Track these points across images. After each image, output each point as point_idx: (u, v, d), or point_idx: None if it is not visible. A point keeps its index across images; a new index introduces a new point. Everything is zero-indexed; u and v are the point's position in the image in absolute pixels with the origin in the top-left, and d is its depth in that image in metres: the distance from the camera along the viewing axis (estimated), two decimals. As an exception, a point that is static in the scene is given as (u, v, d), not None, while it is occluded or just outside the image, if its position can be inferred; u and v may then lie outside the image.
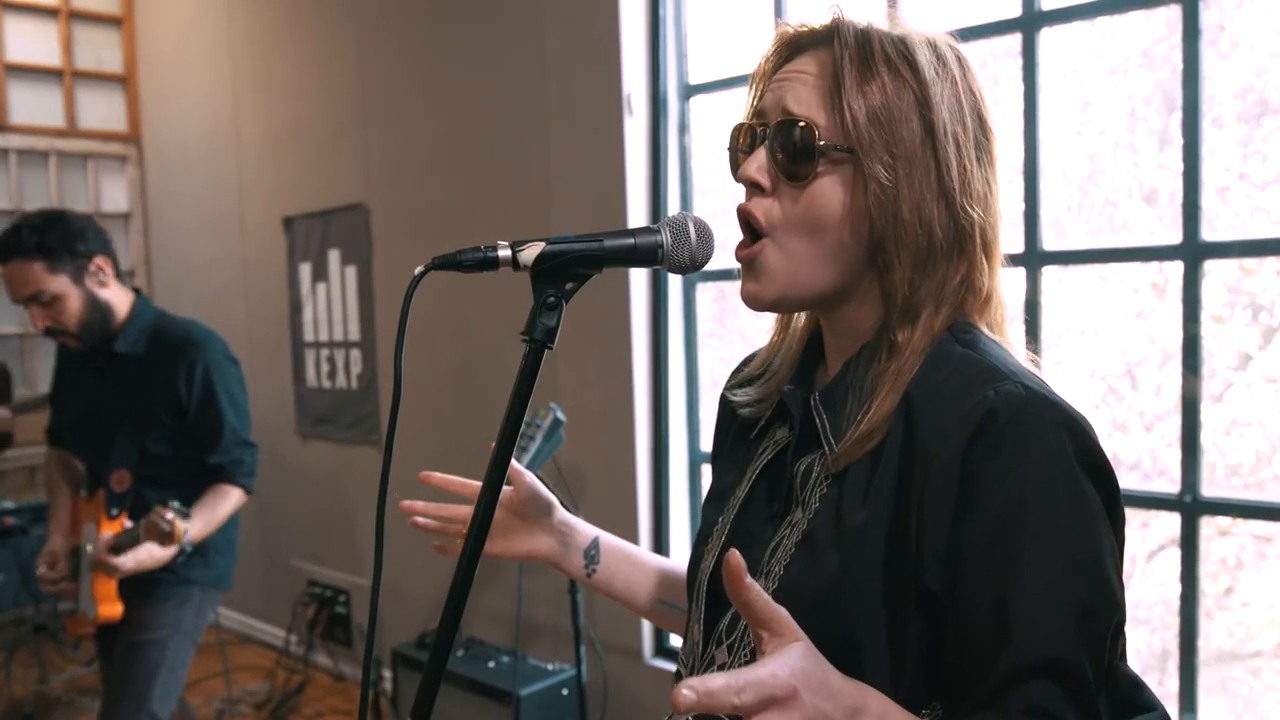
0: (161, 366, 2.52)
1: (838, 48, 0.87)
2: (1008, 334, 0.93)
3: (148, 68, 5.39)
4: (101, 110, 5.39)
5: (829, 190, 0.87)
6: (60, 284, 2.40)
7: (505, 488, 1.18)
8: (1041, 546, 0.77)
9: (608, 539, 1.20)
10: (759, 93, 0.95)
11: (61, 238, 2.40)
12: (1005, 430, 0.79)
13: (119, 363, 2.54)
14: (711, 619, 0.97)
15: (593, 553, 1.17)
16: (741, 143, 0.95)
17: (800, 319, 1.03)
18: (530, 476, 1.17)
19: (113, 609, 2.48)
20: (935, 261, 0.87)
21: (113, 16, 5.38)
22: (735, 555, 0.69)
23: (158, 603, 2.53)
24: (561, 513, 1.18)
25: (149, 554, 2.32)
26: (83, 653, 3.91)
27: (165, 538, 2.25)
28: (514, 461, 1.17)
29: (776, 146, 0.89)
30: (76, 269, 2.43)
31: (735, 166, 0.96)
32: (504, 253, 0.86)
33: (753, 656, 0.88)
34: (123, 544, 2.30)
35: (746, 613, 0.71)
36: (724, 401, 1.11)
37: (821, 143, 0.86)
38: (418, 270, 0.83)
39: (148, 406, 2.52)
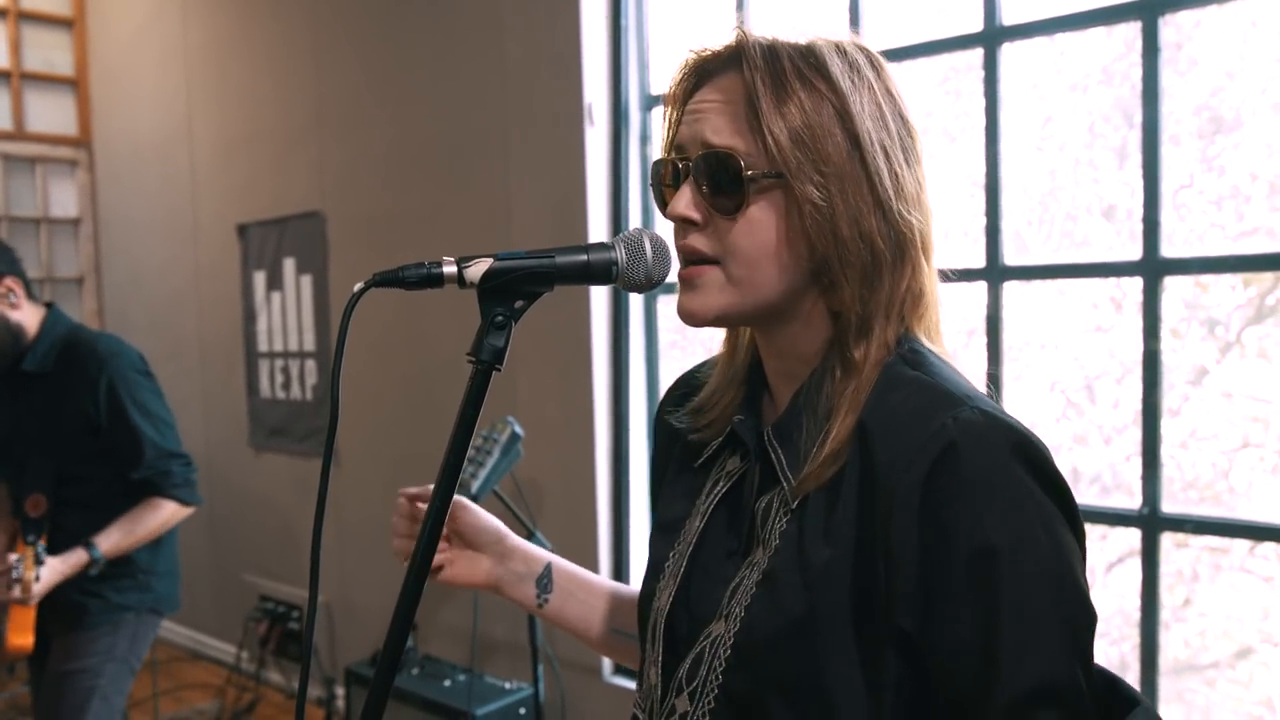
0: (70, 384, 2.41)
1: (747, 71, 0.84)
2: (942, 337, 0.92)
3: (99, 71, 5.27)
4: (51, 113, 5.26)
5: (763, 217, 0.84)
6: None
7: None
8: (1019, 573, 0.76)
9: (561, 565, 1.12)
10: (673, 124, 0.92)
11: None
12: (969, 459, 0.77)
13: (30, 382, 2.44)
14: (670, 664, 0.92)
15: (545, 580, 1.10)
16: (665, 178, 0.91)
17: (743, 340, 1.00)
18: (473, 509, 1.10)
19: (23, 639, 2.36)
20: (881, 273, 0.85)
21: (64, 18, 5.25)
22: None
23: (88, 629, 2.43)
24: (511, 539, 1.11)
25: (54, 572, 2.26)
26: (18, 673, 3.79)
27: (20, 584, 2.19)
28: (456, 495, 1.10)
29: (702, 180, 0.86)
30: None
31: (663, 202, 0.92)
32: (449, 269, 0.82)
33: (716, 704, 0.85)
34: (12, 581, 2.24)
35: None
36: (663, 425, 1.07)
37: (749, 172, 0.83)
38: (356, 288, 0.79)
39: (60, 427, 2.42)
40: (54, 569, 2.27)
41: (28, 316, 2.43)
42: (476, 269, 0.82)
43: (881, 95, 0.86)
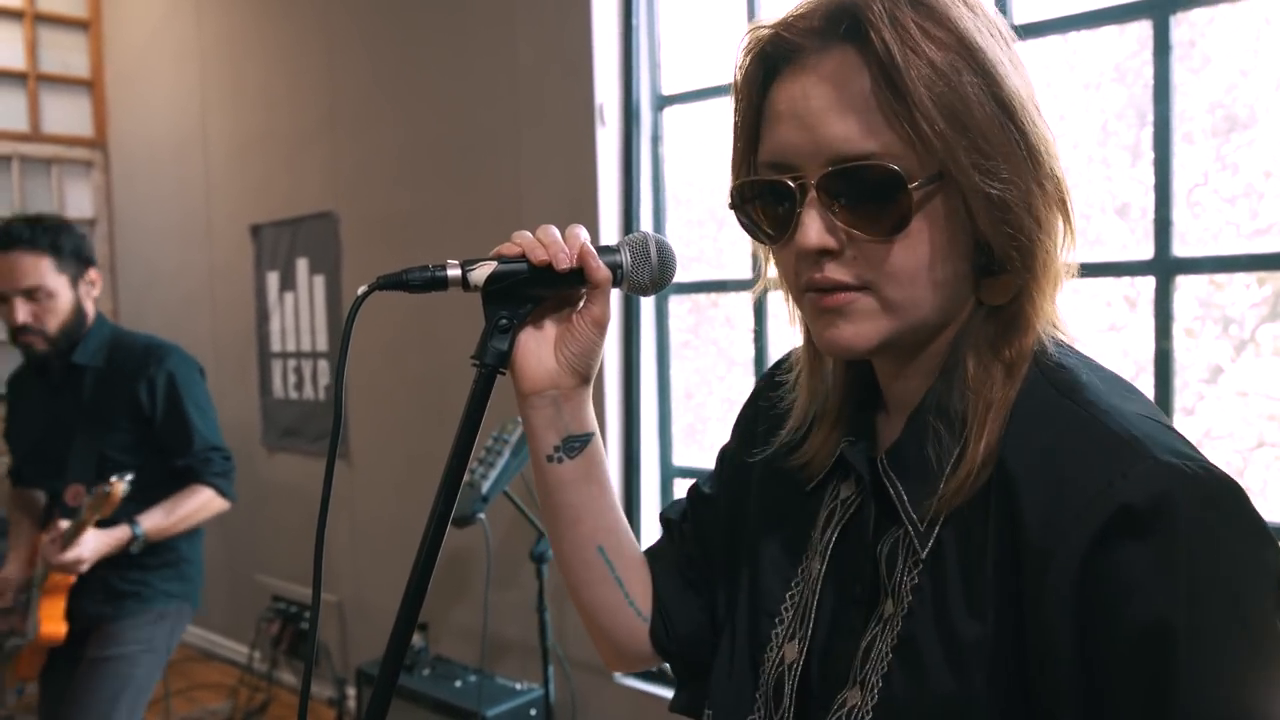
0: (121, 375, 2.49)
1: (876, 38, 0.66)
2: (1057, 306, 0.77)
3: (115, 72, 5.30)
4: (67, 114, 5.29)
5: (923, 228, 0.69)
6: (61, 284, 2.43)
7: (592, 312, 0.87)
8: (1200, 663, 0.61)
9: (599, 451, 0.92)
10: (751, 126, 0.76)
11: (71, 240, 2.46)
12: (1146, 527, 0.62)
13: (76, 375, 2.51)
14: None
15: (575, 445, 0.89)
16: (759, 200, 0.75)
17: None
18: (599, 337, 0.88)
19: (56, 628, 2.39)
20: (1051, 255, 0.71)
21: (79, 20, 5.29)
22: None
23: (130, 616, 2.46)
24: (588, 385, 0.90)
25: (100, 541, 2.30)
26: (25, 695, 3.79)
27: (102, 500, 2.22)
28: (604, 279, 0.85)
29: (837, 201, 0.70)
30: (76, 274, 2.47)
31: (761, 232, 0.76)
32: (453, 272, 0.82)
33: None
34: (68, 537, 2.28)
35: None
36: (757, 471, 0.92)
37: (913, 184, 0.67)
38: (360, 291, 0.79)
39: (105, 414, 2.48)
40: (100, 540, 2.30)
41: (91, 313, 2.54)
42: (480, 272, 0.82)
43: (1001, 39, 0.71)
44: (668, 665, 0.97)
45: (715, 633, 0.93)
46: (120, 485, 2.22)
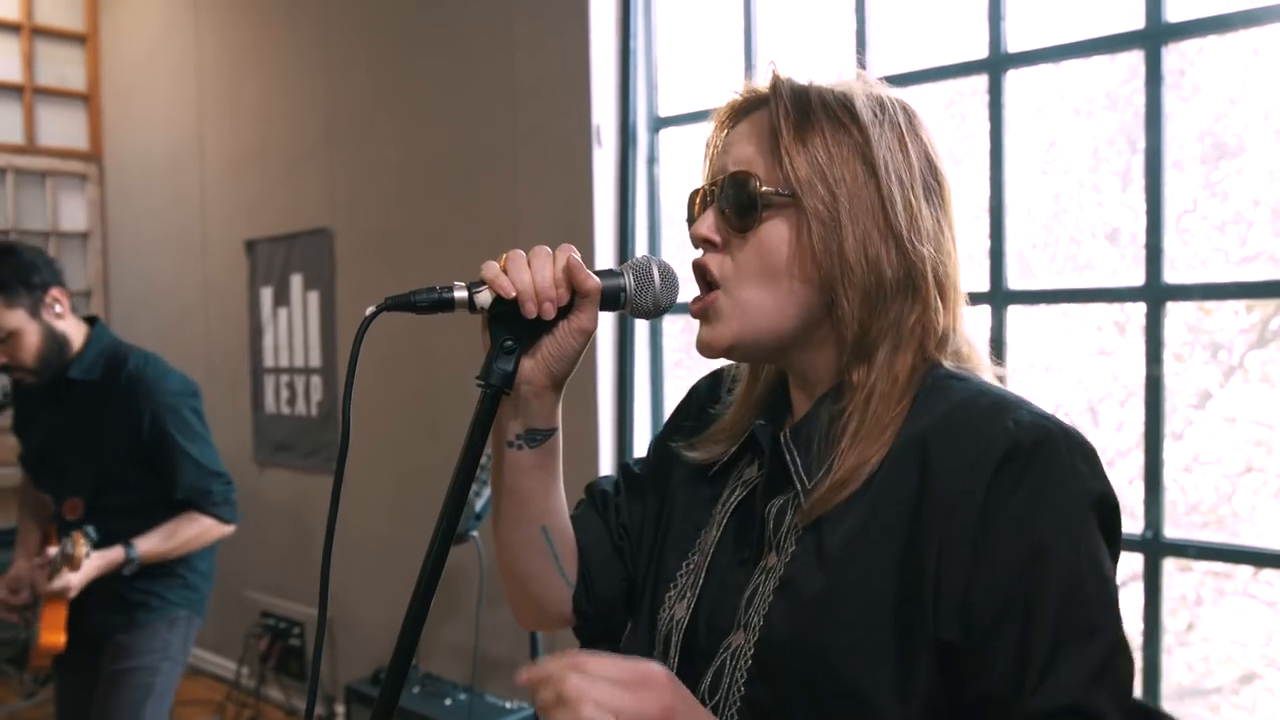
0: (115, 397, 2.43)
1: (773, 101, 0.88)
2: (989, 376, 0.92)
3: (111, 85, 5.32)
4: (62, 127, 5.30)
5: (774, 235, 0.87)
6: (18, 319, 2.32)
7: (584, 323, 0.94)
8: (1065, 593, 0.77)
9: (558, 447, 1.02)
10: (710, 160, 0.97)
11: (15, 271, 2.32)
12: (1033, 464, 0.78)
13: (75, 389, 2.46)
14: (689, 676, 0.91)
15: (537, 437, 0.98)
16: (696, 209, 0.95)
17: (764, 373, 1.01)
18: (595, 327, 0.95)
19: (56, 637, 2.38)
20: (886, 300, 0.86)
21: (77, 33, 5.30)
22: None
23: (143, 626, 2.45)
24: (559, 389, 0.99)
25: (91, 565, 2.27)
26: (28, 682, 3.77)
27: (70, 560, 2.21)
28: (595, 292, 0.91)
29: (724, 202, 0.89)
30: (33, 302, 2.35)
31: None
32: (460, 294, 0.83)
33: (740, 717, 0.86)
34: (54, 569, 2.27)
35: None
36: (671, 451, 1.06)
37: (764, 189, 0.86)
38: (368, 311, 0.80)
39: (103, 431, 2.43)
40: (90, 564, 2.27)
41: (72, 328, 2.44)
42: (486, 295, 0.84)
43: (908, 135, 0.89)
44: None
45: (630, 600, 1.05)
46: (82, 548, 2.21)
